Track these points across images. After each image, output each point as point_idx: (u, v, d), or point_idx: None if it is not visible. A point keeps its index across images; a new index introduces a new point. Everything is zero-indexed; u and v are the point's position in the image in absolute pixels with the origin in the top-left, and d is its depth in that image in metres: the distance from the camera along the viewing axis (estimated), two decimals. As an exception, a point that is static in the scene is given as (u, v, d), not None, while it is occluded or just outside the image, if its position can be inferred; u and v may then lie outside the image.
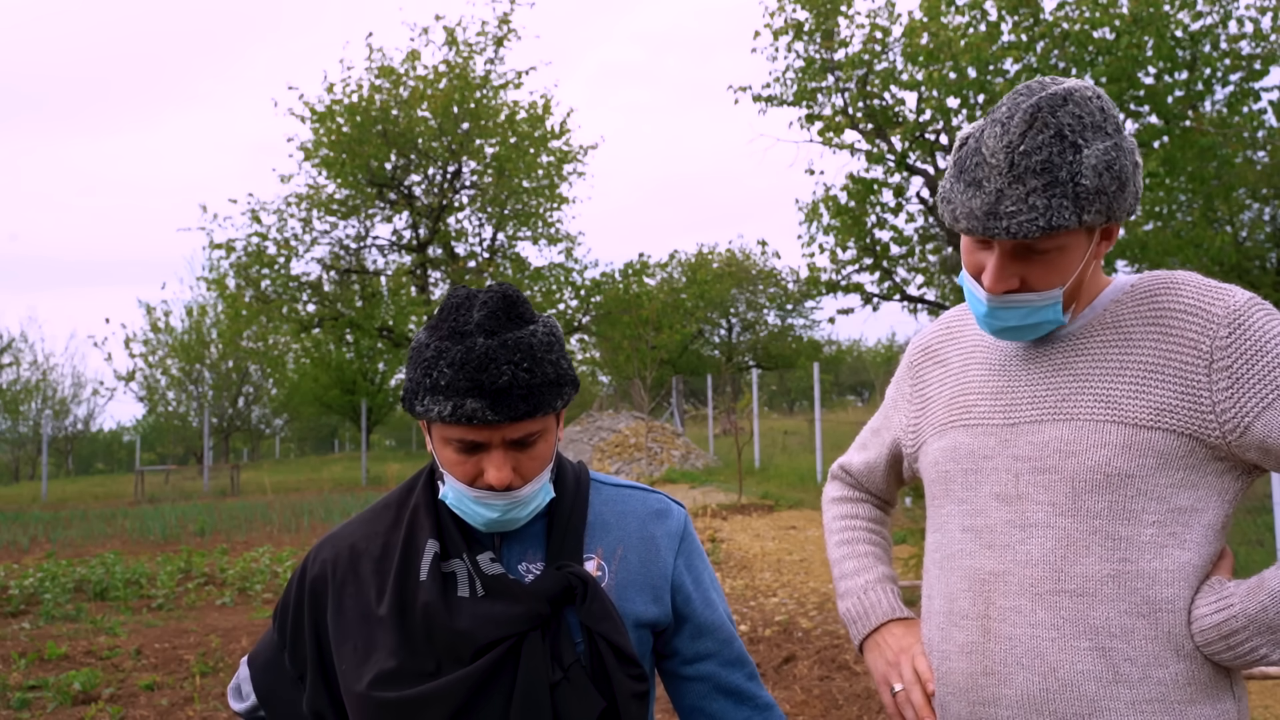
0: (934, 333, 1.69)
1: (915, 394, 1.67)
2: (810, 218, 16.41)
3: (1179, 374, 1.36)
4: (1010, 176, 1.33)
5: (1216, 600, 1.35)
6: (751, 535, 10.56)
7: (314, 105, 22.66)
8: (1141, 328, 1.41)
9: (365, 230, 24.36)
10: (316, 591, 1.49)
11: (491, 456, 1.37)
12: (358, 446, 36.58)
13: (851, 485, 1.85)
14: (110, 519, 15.03)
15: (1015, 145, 1.33)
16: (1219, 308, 1.37)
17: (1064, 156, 1.32)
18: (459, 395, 1.33)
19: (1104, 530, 1.36)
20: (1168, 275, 1.44)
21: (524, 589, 1.40)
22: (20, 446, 33.29)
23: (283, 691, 1.52)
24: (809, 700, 4.91)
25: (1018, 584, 1.40)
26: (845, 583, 1.71)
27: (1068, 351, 1.45)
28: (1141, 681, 1.35)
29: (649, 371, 19.62)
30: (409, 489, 1.54)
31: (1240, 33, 13.33)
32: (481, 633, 1.37)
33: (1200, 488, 1.37)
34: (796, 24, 15.92)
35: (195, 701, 5.26)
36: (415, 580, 1.42)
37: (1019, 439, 1.44)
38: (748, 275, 37.25)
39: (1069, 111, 1.33)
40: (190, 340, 31.45)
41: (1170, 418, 1.35)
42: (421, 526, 1.47)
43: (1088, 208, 1.32)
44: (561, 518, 1.49)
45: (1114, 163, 1.33)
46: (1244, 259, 17.03)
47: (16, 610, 7.89)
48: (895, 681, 1.56)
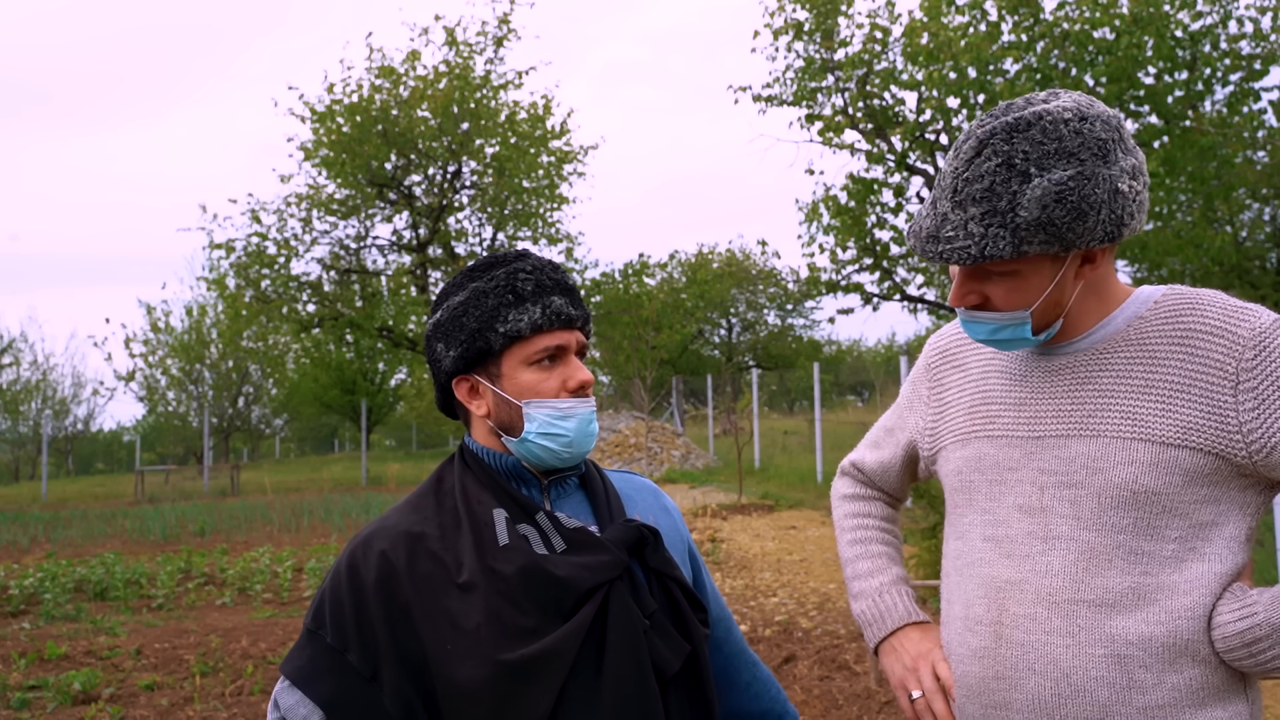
0: (952, 336, 1.69)
1: (933, 397, 1.67)
2: (810, 218, 16.39)
3: (1205, 394, 1.37)
4: (953, 201, 1.35)
5: (1240, 608, 1.35)
6: (751, 535, 10.56)
7: (314, 105, 22.65)
8: (1167, 346, 1.41)
9: (365, 230, 24.35)
10: (384, 580, 1.43)
11: (570, 361, 1.50)
12: (358, 446, 36.59)
13: (863, 483, 1.85)
14: (110, 519, 15.03)
15: (960, 171, 1.35)
16: (1244, 329, 1.37)
17: (1007, 186, 1.31)
18: (547, 294, 1.47)
19: (1127, 545, 1.37)
20: (1193, 295, 1.44)
21: (605, 539, 1.45)
22: (20, 446, 33.28)
23: (353, 693, 1.42)
24: (809, 700, 4.91)
25: (1034, 593, 1.41)
26: (859, 584, 1.72)
27: (1091, 366, 1.45)
28: (1156, 687, 1.35)
29: (649, 371, 19.61)
30: (439, 479, 1.57)
31: (1240, 33, 13.31)
32: (581, 580, 1.39)
33: (1223, 502, 1.38)
34: (796, 24, 15.91)
35: (195, 701, 5.26)
36: (494, 546, 1.43)
37: (1044, 452, 1.45)
38: (748, 275, 37.25)
39: (1028, 138, 1.31)
40: (190, 340, 31.44)
41: (1197, 436, 1.36)
42: (479, 500, 1.49)
43: (1028, 239, 1.32)
44: (597, 487, 1.57)
45: (1068, 194, 1.30)
46: (1244, 259, 17.03)
47: (16, 610, 7.89)
48: (914, 688, 1.56)
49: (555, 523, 1.45)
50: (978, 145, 1.34)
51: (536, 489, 1.53)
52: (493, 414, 1.50)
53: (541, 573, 1.40)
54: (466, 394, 1.52)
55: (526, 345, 1.47)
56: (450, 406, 1.58)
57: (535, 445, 1.48)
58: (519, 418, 1.48)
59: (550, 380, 1.48)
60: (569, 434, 1.48)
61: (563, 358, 1.50)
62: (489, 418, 1.51)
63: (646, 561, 1.47)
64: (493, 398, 1.50)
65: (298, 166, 26.15)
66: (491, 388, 1.50)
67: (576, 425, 1.48)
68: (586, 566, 1.41)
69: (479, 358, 1.49)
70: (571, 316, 1.49)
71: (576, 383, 1.49)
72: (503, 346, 1.47)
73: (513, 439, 1.49)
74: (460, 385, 1.52)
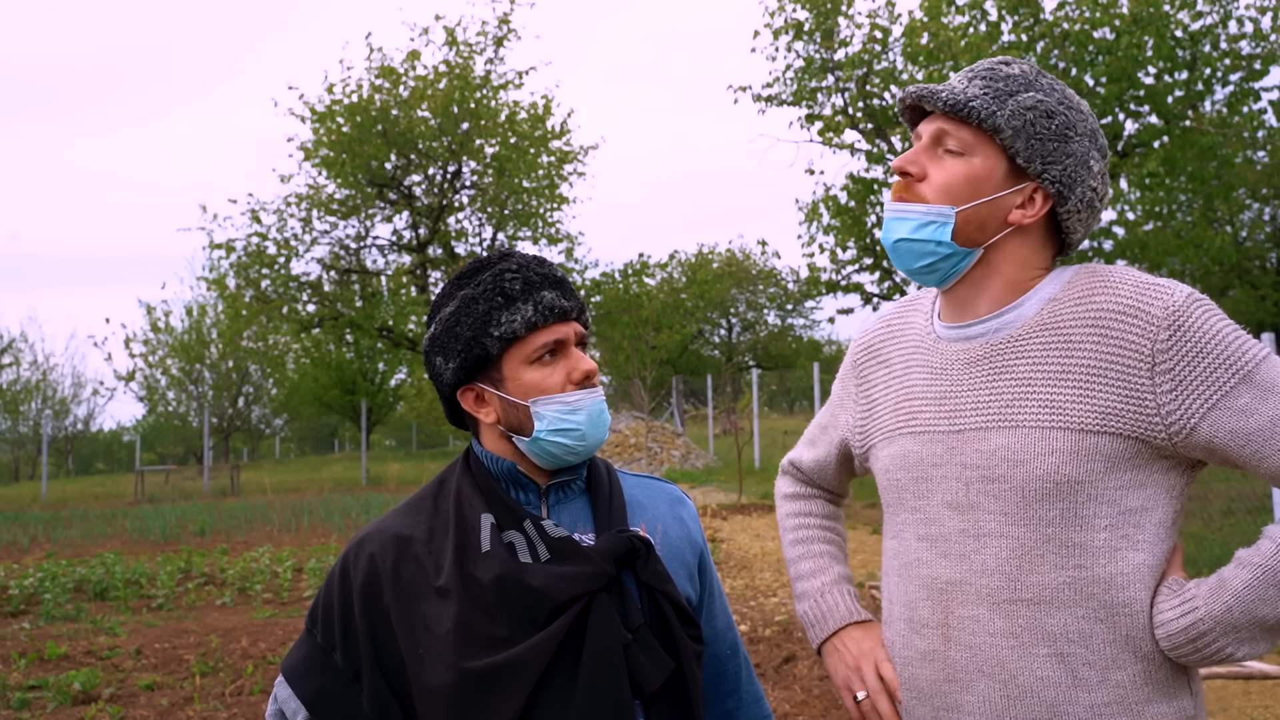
0: (875, 330, 1.68)
1: (860, 394, 1.66)
2: (810, 218, 16.40)
3: (1122, 377, 1.34)
4: (963, 77, 1.47)
5: (1180, 604, 1.34)
6: (751, 535, 10.56)
7: (314, 105, 22.67)
8: (1081, 329, 1.38)
9: (365, 230, 24.37)
10: (368, 584, 1.46)
11: (570, 354, 1.49)
12: (358, 446, 36.58)
13: (803, 481, 1.83)
14: (110, 519, 15.04)
15: (979, 67, 1.48)
16: (1158, 308, 1.34)
17: (1011, 82, 1.43)
18: (535, 290, 1.46)
19: (1057, 538, 1.36)
20: (1104, 272, 1.42)
21: (590, 549, 1.43)
22: (20, 446, 33.30)
23: (335, 693, 1.46)
24: (809, 700, 4.91)
25: (975, 593, 1.40)
26: (802, 584, 1.70)
27: (1009, 355, 1.43)
28: (1100, 685, 1.35)
29: (649, 371, 19.63)
30: (441, 481, 1.56)
31: (1240, 33, 13.32)
32: (557, 592, 1.38)
33: (1149, 487, 1.36)
34: (796, 24, 15.91)
35: (195, 701, 5.26)
36: (476, 552, 1.43)
37: (966, 447, 1.42)
38: (748, 275, 37.27)
39: (1040, 73, 1.46)
40: (190, 340, 31.48)
41: (1116, 421, 1.34)
42: (471, 504, 1.48)
43: (1007, 124, 1.39)
44: (602, 493, 1.54)
45: (1057, 114, 1.41)
46: (1244, 259, 17.04)
47: (16, 610, 7.89)
48: (858, 688, 1.55)
49: (541, 531, 1.44)
50: (1005, 60, 1.48)
51: (534, 493, 1.51)
52: (501, 418, 1.49)
53: (516, 582, 1.39)
54: (473, 403, 1.51)
55: (524, 345, 1.46)
56: (460, 418, 1.56)
57: (548, 443, 1.46)
58: (528, 418, 1.47)
59: (554, 375, 1.47)
60: (581, 427, 1.46)
61: (563, 351, 1.48)
62: (499, 423, 1.50)
63: (638, 574, 1.44)
64: (499, 403, 1.48)
65: (298, 166, 26.20)
66: (496, 393, 1.48)
67: (587, 417, 1.47)
68: (565, 577, 1.39)
69: (479, 365, 1.48)
70: (565, 308, 1.47)
71: (581, 374, 1.48)
72: (500, 350, 1.46)
73: (525, 439, 1.48)
74: (465, 395, 1.51)
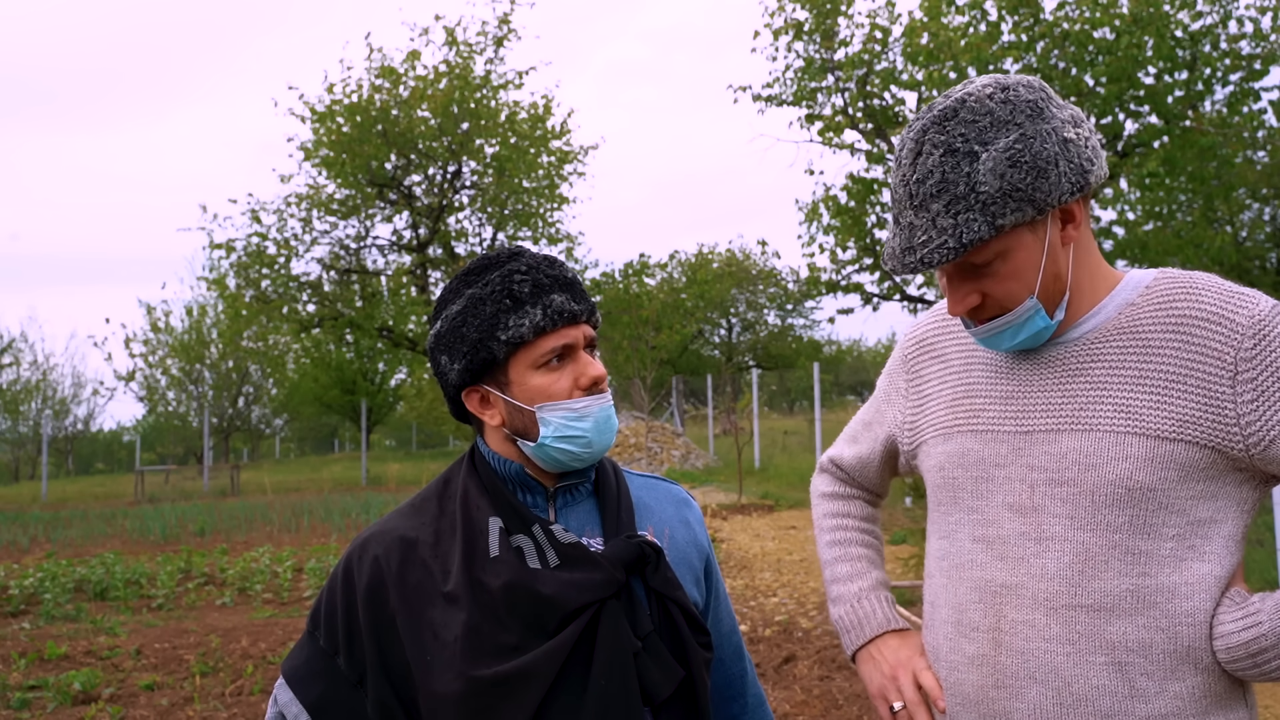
0: (929, 325, 1.62)
1: (912, 389, 1.61)
2: (810, 218, 16.39)
3: (1201, 385, 1.31)
4: (914, 207, 1.33)
5: (1243, 617, 1.31)
6: (751, 535, 10.56)
7: (314, 105, 22.65)
8: (1161, 334, 1.34)
9: (365, 230, 24.34)
10: (373, 587, 1.44)
11: (579, 358, 1.46)
12: (358, 446, 36.57)
13: (843, 480, 1.79)
14: (110, 519, 15.03)
15: (909, 176, 1.33)
16: (1243, 316, 1.31)
17: (958, 171, 1.29)
18: (545, 293, 1.42)
19: (1123, 545, 1.32)
20: (1186, 278, 1.38)
21: (601, 556, 1.40)
22: (20, 446, 33.28)
23: (338, 698, 1.43)
24: (809, 700, 4.91)
25: (1031, 598, 1.36)
26: (838, 587, 1.67)
27: (1082, 356, 1.39)
28: (1158, 695, 1.32)
29: (649, 371, 19.62)
30: (446, 481, 1.54)
31: (1240, 33, 13.31)
32: (567, 599, 1.36)
33: (1220, 499, 1.33)
34: (796, 24, 15.90)
35: (195, 701, 5.26)
36: (484, 557, 1.40)
37: (1034, 448, 1.38)
38: (748, 275, 37.25)
39: (960, 121, 1.30)
40: (190, 340, 31.46)
41: (1193, 429, 1.31)
42: (478, 507, 1.45)
43: (999, 212, 1.29)
44: (610, 496, 1.51)
45: (1020, 155, 1.28)
46: (1244, 259, 17.03)
47: (16, 610, 7.89)
48: (894, 698, 1.51)
49: (550, 536, 1.41)
50: (915, 146, 1.32)
51: (542, 496, 1.49)
52: (506, 422, 1.47)
53: (527, 589, 1.36)
54: (478, 405, 1.49)
55: (531, 349, 1.42)
56: (465, 415, 1.54)
57: (553, 449, 1.44)
58: (533, 423, 1.44)
59: (561, 381, 1.44)
60: (587, 434, 1.44)
61: (571, 355, 1.45)
62: (503, 426, 1.47)
63: (647, 580, 1.42)
64: (504, 406, 1.46)
65: (298, 166, 26.18)
66: (502, 396, 1.45)
67: (594, 424, 1.44)
68: (575, 584, 1.37)
69: (484, 368, 1.45)
70: (574, 312, 1.43)
71: (589, 380, 1.44)
72: (507, 354, 1.43)
73: (530, 444, 1.45)
74: (470, 397, 1.49)
